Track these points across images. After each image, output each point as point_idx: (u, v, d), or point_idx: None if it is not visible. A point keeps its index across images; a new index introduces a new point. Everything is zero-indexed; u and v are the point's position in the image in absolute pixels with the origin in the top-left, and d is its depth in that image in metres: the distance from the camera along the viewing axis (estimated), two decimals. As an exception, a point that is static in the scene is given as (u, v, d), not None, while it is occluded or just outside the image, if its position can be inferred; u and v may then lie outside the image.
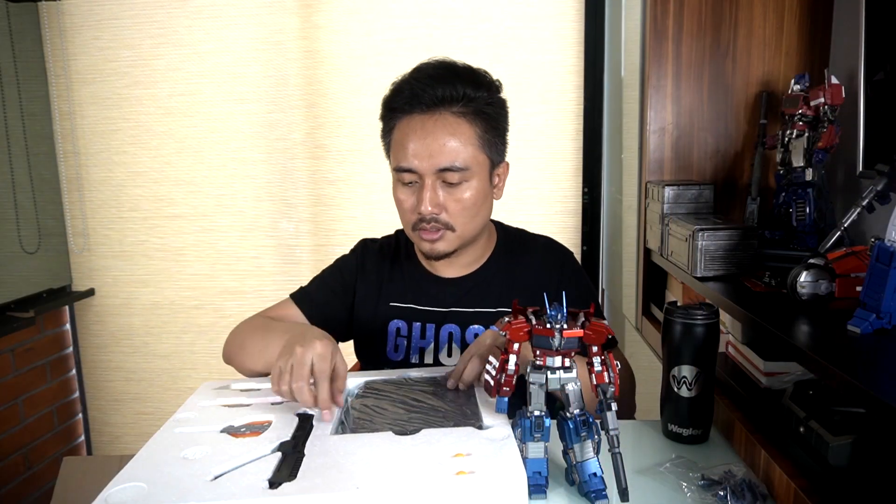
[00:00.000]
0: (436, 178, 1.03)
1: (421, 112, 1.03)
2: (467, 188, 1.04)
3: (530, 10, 2.12)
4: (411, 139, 1.02)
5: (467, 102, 1.03)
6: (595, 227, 2.24)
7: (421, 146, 1.01)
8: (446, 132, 1.02)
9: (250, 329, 1.11)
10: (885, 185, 0.96)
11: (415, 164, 1.02)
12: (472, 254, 1.16)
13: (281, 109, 2.27)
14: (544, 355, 0.76)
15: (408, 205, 1.06)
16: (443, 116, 1.02)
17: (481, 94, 1.05)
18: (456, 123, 1.02)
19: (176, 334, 2.45)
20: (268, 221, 2.35)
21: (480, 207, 1.07)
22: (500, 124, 1.08)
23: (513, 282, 1.15)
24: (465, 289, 1.15)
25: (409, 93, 1.04)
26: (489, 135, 1.05)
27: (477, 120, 1.04)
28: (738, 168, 1.55)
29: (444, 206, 1.04)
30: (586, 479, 0.77)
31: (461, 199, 1.04)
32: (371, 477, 0.69)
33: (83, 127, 2.35)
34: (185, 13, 2.24)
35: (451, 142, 1.01)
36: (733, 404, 0.99)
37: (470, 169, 1.03)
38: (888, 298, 0.78)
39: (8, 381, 2.21)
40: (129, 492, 0.68)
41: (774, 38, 1.50)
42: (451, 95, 1.02)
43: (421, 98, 1.02)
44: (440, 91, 1.02)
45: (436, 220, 1.05)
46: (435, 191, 1.03)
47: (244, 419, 0.87)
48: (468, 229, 1.08)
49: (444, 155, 1.01)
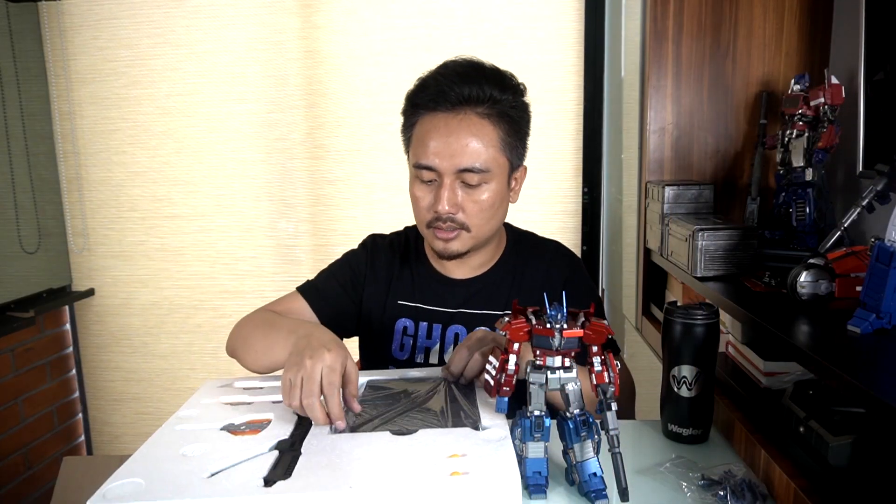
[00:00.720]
0: (455, 178, 1.02)
1: (445, 110, 1.02)
2: (486, 190, 1.03)
3: (530, 10, 2.12)
4: (433, 137, 1.01)
5: (493, 104, 1.02)
6: (595, 227, 2.24)
7: (443, 145, 1.00)
8: (469, 132, 1.00)
9: (254, 325, 1.09)
10: (885, 185, 0.96)
11: (435, 162, 1.01)
12: (483, 256, 1.15)
13: (280, 109, 2.27)
14: (544, 355, 0.76)
15: (425, 202, 1.05)
16: (467, 116, 1.01)
17: (507, 96, 1.03)
18: (480, 124, 1.01)
19: (175, 334, 2.45)
20: (267, 221, 2.35)
21: (497, 210, 1.07)
22: (522, 128, 1.07)
23: (520, 285, 1.14)
24: (473, 291, 1.15)
25: (434, 89, 1.02)
26: (511, 138, 1.04)
27: (501, 122, 1.03)
28: (738, 168, 1.55)
29: (462, 206, 1.03)
30: (586, 479, 0.77)
31: (479, 201, 1.03)
32: (365, 476, 0.69)
33: (83, 127, 2.35)
34: (184, 13, 2.24)
35: (473, 142, 1.00)
36: (733, 404, 0.99)
37: (490, 171, 1.02)
38: (888, 298, 0.78)
39: (8, 381, 2.21)
40: (126, 487, 0.69)
41: (774, 38, 1.50)
42: (476, 95, 1.01)
43: (447, 96, 1.01)
44: (466, 90, 1.01)
45: (452, 220, 1.04)
46: (454, 191, 1.02)
47: (244, 417, 0.87)
48: (483, 231, 1.07)
49: (466, 156, 1.00)
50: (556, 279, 1.14)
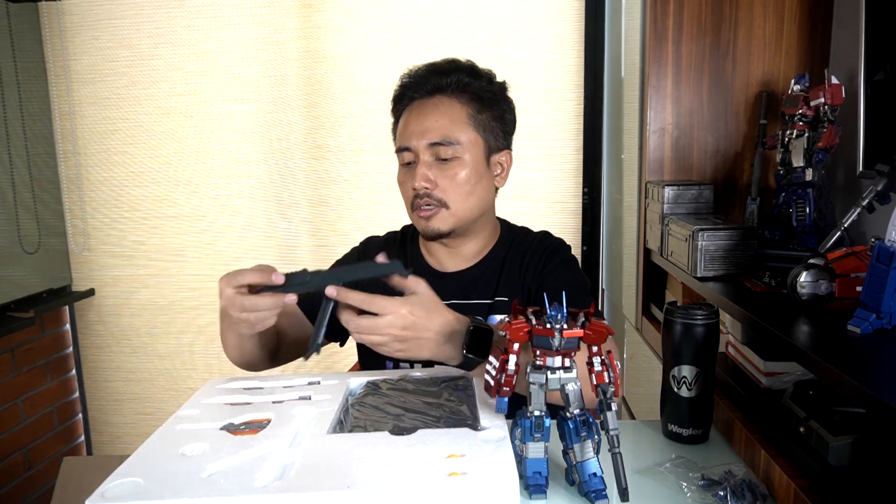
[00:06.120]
0: (429, 154, 1.08)
1: (421, 97, 1.11)
2: (459, 165, 1.08)
3: (530, 10, 2.12)
4: (409, 121, 1.10)
5: (464, 88, 1.10)
6: (595, 227, 2.24)
7: (416, 124, 1.09)
8: (439, 111, 1.09)
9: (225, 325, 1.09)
10: (885, 185, 0.96)
11: (411, 142, 1.09)
12: (474, 246, 1.17)
13: (281, 109, 2.27)
14: (544, 355, 0.76)
15: (406, 185, 1.11)
16: (440, 100, 1.10)
17: (479, 82, 1.11)
18: (450, 104, 1.09)
19: (175, 335, 2.45)
20: (267, 221, 2.35)
21: (475, 186, 1.10)
22: (497, 111, 1.13)
23: (506, 276, 1.16)
24: (465, 282, 1.17)
25: (410, 82, 1.12)
26: (483, 115, 1.10)
27: (472, 101, 1.10)
28: (738, 168, 1.55)
29: (437, 182, 1.08)
30: (586, 479, 0.77)
31: (453, 176, 1.08)
32: (362, 477, 0.69)
33: (83, 127, 2.35)
34: (185, 13, 2.24)
35: (443, 119, 1.08)
36: (733, 404, 0.99)
37: (461, 144, 1.08)
38: (888, 298, 0.78)
39: (8, 381, 2.21)
40: (126, 487, 0.69)
41: (774, 38, 1.50)
42: (447, 83, 1.10)
43: (422, 86, 1.11)
44: (440, 79, 1.10)
45: (429, 196, 1.08)
46: (429, 167, 1.08)
47: (244, 417, 0.87)
48: (462, 208, 1.10)
49: (436, 130, 1.07)
50: (535, 263, 1.16)
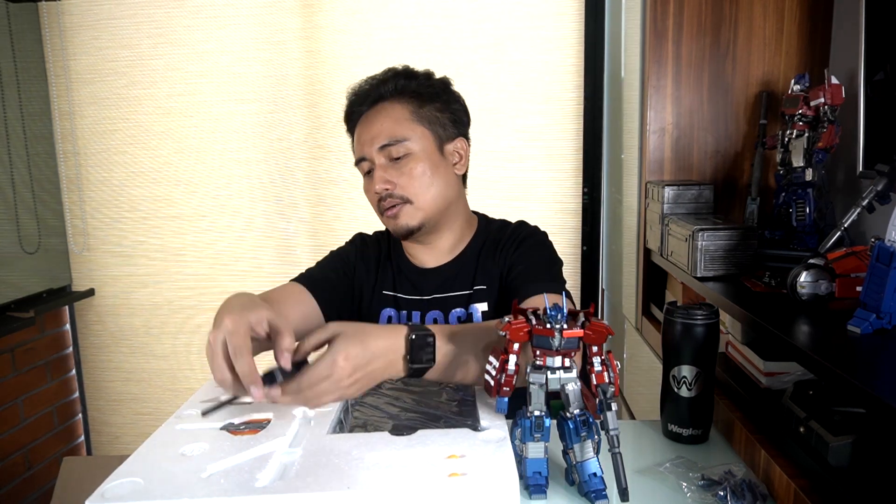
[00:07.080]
0: (383, 158, 1.12)
1: (367, 110, 1.15)
2: (412, 160, 1.11)
3: (530, 10, 2.12)
4: (360, 133, 1.15)
5: (402, 90, 1.14)
6: (595, 227, 2.24)
7: (366, 134, 1.13)
8: (383, 116, 1.13)
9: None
10: (885, 185, 0.96)
11: (364, 150, 1.13)
12: (448, 240, 1.20)
13: (281, 109, 2.27)
14: (544, 355, 0.76)
15: (371, 193, 1.14)
16: (382, 106, 1.14)
17: (415, 81, 1.15)
18: (391, 107, 1.13)
19: (175, 335, 2.45)
20: (267, 221, 2.34)
21: (433, 178, 1.13)
22: (439, 102, 1.16)
23: (482, 262, 1.18)
24: (445, 276, 1.19)
25: (356, 99, 1.17)
26: (425, 109, 1.14)
27: (412, 100, 1.13)
28: (738, 168, 1.55)
29: (395, 181, 1.11)
30: (586, 479, 0.77)
31: (409, 172, 1.11)
32: (362, 477, 0.69)
33: (83, 127, 2.35)
34: (184, 13, 2.24)
35: (386, 122, 1.12)
36: (733, 404, 0.99)
37: (409, 140, 1.11)
38: (888, 298, 0.78)
39: (8, 381, 2.21)
40: (125, 487, 0.69)
41: (774, 38, 1.50)
42: (386, 90, 1.14)
43: (366, 99, 1.15)
44: (378, 89, 1.14)
45: (391, 196, 1.11)
46: (385, 170, 1.11)
47: (244, 417, 0.87)
48: (425, 200, 1.12)
49: (383, 133, 1.11)
50: (506, 251, 1.17)
